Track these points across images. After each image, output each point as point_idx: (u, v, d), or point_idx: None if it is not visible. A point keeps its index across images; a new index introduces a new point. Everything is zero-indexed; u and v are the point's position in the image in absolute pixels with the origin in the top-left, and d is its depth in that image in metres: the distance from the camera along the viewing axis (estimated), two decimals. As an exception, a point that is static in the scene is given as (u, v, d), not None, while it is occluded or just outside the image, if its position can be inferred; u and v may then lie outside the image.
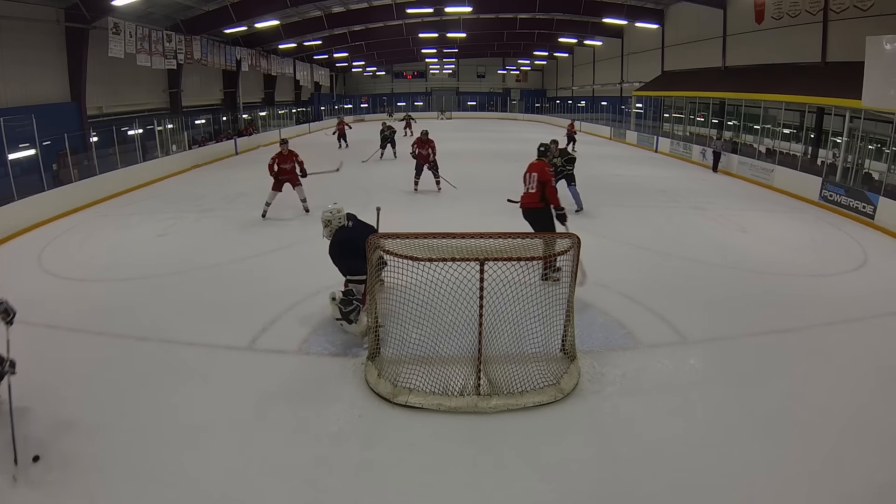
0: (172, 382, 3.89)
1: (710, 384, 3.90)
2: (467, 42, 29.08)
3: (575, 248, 3.75)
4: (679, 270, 6.33)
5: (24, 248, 7.50)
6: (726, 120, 16.87)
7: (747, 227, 8.55)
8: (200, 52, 18.47)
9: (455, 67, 42.15)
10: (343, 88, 42.45)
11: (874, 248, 7.57)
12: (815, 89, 12.48)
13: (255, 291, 5.60)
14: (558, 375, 3.78)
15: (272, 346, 4.42)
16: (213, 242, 7.57)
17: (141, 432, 3.30)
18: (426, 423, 3.42)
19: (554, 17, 24.93)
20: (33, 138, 9.29)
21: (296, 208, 9.15)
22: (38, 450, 3.09)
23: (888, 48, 8.89)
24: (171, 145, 15.77)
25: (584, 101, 31.84)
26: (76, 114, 13.40)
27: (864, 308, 5.28)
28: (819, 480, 2.92)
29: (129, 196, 11.36)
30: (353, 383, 3.84)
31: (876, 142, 10.70)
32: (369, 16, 22.80)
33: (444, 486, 2.92)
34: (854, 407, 3.58)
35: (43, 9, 12.14)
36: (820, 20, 13.32)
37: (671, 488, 2.87)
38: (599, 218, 8.85)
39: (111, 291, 5.72)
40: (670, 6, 20.69)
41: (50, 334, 4.68)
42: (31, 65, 12.08)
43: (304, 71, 31.06)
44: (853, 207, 9.47)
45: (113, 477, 2.92)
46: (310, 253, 6.99)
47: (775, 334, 4.68)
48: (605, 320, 4.84)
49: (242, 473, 2.96)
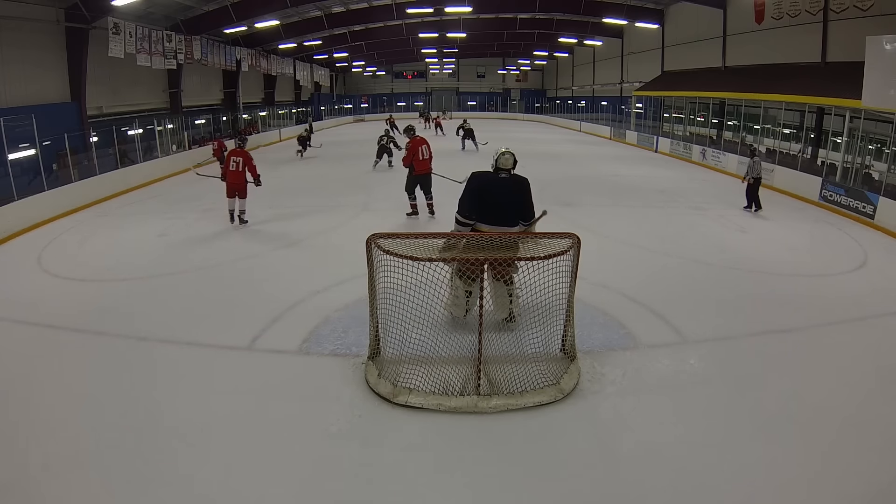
0: (172, 382, 3.88)
1: (710, 384, 3.89)
2: (467, 42, 29.10)
3: (575, 247, 3.75)
4: (679, 270, 6.33)
5: (24, 248, 7.50)
6: (726, 120, 16.87)
7: (747, 227, 8.55)
8: (200, 52, 18.47)
9: (455, 67, 42.16)
10: (343, 88, 42.46)
11: (874, 248, 7.57)
12: (815, 89, 12.48)
13: (255, 291, 5.60)
14: (558, 375, 3.78)
15: (272, 346, 4.42)
16: (213, 242, 7.57)
17: (141, 432, 3.30)
18: (426, 423, 3.41)
19: (554, 17, 24.95)
20: (33, 138, 9.29)
21: (297, 208, 9.15)
22: (38, 450, 3.09)
23: (888, 48, 8.89)
24: (171, 145, 15.76)
25: (584, 101, 31.85)
26: (76, 114, 13.41)
27: (864, 308, 5.27)
28: (819, 480, 2.92)
29: (129, 196, 11.37)
30: (353, 383, 3.84)
31: (876, 142, 10.70)
32: (369, 16, 22.82)
33: (444, 486, 2.91)
34: (854, 407, 3.58)
35: (43, 9, 12.14)
36: (820, 20, 13.33)
37: (671, 488, 2.87)
38: (599, 218, 8.85)
39: (111, 291, 5.72)
40: (670, 6, 20.70)
41: (50, 334, 4.69)
42: (31, 65, 12.09)
43: (304, 71, 31.07)
44: (853, 207, 9.48)
45: (113, 477, 2.92)
46: (310, 253, 7.02)
47: (775, 334, 4.67)
48: (605, 320, 4.84)
49: (242, 473, 2.96)
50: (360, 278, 4.31)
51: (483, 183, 4.53)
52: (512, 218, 4.47)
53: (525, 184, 4.58)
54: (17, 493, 2.80)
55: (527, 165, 6.02)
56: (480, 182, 4.54)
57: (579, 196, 10.77)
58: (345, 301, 5.18)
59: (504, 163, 4.53)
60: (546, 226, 4.58)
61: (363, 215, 8.89)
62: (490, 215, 4.45)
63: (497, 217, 4.46)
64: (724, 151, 15.10)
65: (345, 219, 8.68)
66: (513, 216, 4.47)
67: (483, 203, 4.45)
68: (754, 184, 9.68)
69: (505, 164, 4.53)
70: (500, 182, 4.51)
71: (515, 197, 4.50)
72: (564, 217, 8.28)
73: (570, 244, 3.74)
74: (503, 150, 4.59)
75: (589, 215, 8.97)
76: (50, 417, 3.46)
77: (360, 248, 3.78)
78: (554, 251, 3.68)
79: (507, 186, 4.50)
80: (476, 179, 4.56)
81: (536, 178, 4.35)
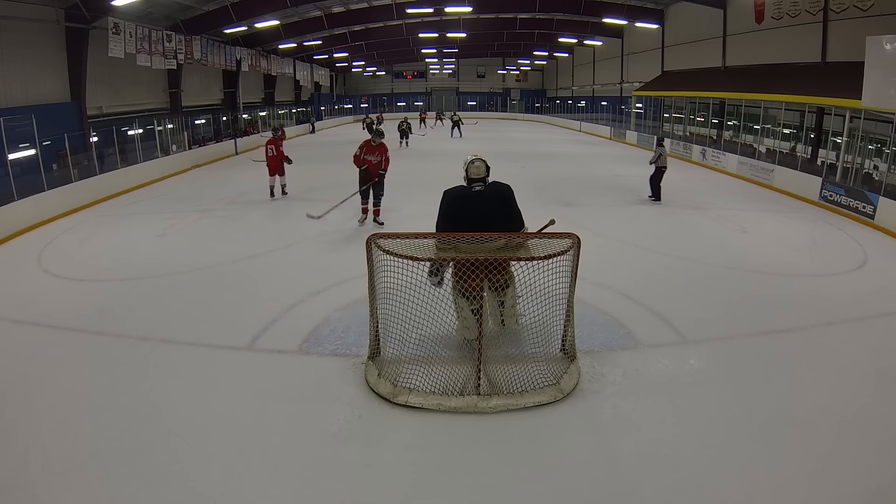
0: (172, 382, 3.88)
1: (710, 384, 3.89)
2: (467, 42, 29.10)
3: (575, 247, 3.75)
4: (679, 270, 6.33)
5: (24, 248, 7.50)
6: (726, 120, 16.88)
7: (747, 227, 8.55)
8: (200, 52, 18.48)
9: (455, 67, 42.17)
10: (343, 88, 42.47)
11: (874, 248, 7.57)
12: (815, 89, 12.48)
13: (256, 291, 5.60)
14: (558, 375, 3.78)
15: (272, 346, 4.42)
16: (213, 242, 7.57)
17: (141, 432, 3.30)
18: (426, 423, 3.41)
19: (554, 17, 24.95)
20: (33, 138, 9.28)
21: (297, 207, 9.15)
22: (38, 450, 3.09)
23: (888, 48, 8.89)
24: (171, 145, 15.76)
25: (584, 101, 31.86)
26: (76, 114, 13.41)
27: (864, 308, 5.27)
28: (819, 480, 2.92)
29: (129, 196, 11.36)
30: (353, 383, 3.84)
31: (876, 142, 10.70)
32: (369, 16, 22.82)
33: (444, 486, 2.91)
34: (854, 407, 3.58)
35: (43, 9, 12.15)
36: (820, 20, 13.32)
37: (671, 488, 2.87)
38: (599, 218, 8.85)
39: (111, 291, 5.72)
40: (670, 6, 20.70)
41: (50, 334, 4.69)
42: (31, 65, 12.09)
43: (304, 71, 31.07)
44: (853, 207, 9.47)
45: (112, 477, 2.92)
46: (310, 253, 7.02)
47: (775, 334, 4.67)
48: (605, 320, 4.84)
49: (242, 474, 2.96)
50: (360, 278, 4.32)
51: (456, 200, 4.07)
52: (503, 231, 3.97)
53: (506, 191, 4.14)
54: (18, 493, 2.80)
55: (527, 165, 6.04)
56: (453, 200, 4.09)
57: (579, 196, 10.77)
58: (345, 301, 5.18)
59: (475, 172, 4.10)
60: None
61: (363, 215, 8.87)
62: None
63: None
64: (724, 151, 15.11)
65: (345, 218, 8.68)
66: (501, 230, 3.95)
67: (461, 223, 3.94)
68: (656, 173, 10.04)
69: (476, 174, 4.10)
70: (475, 196, 4.06)
71: (495, 208, 4.05)
72: (564, 217, 8.25)
73: (570, 244, 3.74)
74: (471, 159, 4.15)
75: (589, 215, 8.97)
76: (50, 417, 3.46)
77: (360, 247, 3.78)
78: (554, 251, 3.68)
79: (483, 200, 4.05)
80: (448, 197, 4.10)
81: (536, 178, 4.35)
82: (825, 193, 10.38)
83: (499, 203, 4.09)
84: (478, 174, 4.11)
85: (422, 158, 16.57)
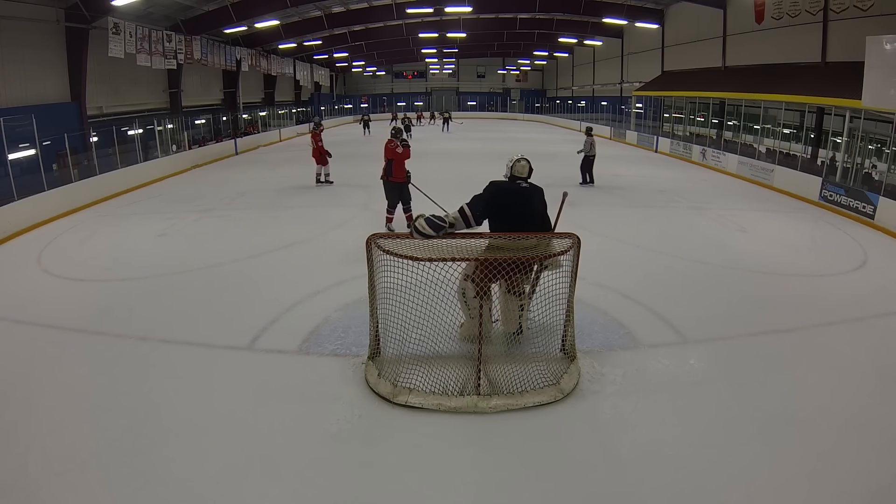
0: (172, 382, 3.88)
1: (710, 384, 3.89)
2: (467, 42, 29.12)
3: (575, 247, 3.75)
4: (679, 270, 6.33)
5: (24, 248, 7.50)
6: (726, 120, 16.88)
7: (747, 227, 8.55)
8: (200, 52, 18.48)
9: (455, 67, 42.19)
10: (343, 88, 42.49)
11: (874, 248, 7.57)
12: (815, 89, 12.49)
13: (256, 291, 5.60)
14: (558, 375, 3.78)
15: (272, 346, 4.42)
16: (213, 242, 7.57)
17: (140, 432, 3.30)
18: (426, 423, 3.41)
19: (554, 17, 24.96)
20: (33, 138, 9.28)
21: (297, 207, 9.15)
22: (38, 450, 3.09)
23: (888, 48, 8.89)
24: (171, 145, 15.77)
25: (584, 101, 31.86)
26: (76, 114, 13.42)
27: (864, 308, 5.27)
28: (819, 480, 2.92)
29: (129, 196, 11.36)
30: (353, 383, 3.84)
31: (876, 142, 10.70)
32: (369, 16, 22.83)
33: (444, 486, 2.91)
34: (854, 407, 3.58)
35: (43, 9, 12.15)
36: (820, 20, 13.33)
37: (671, 488, 2.87)
38: (599, 218, 8.85)
39: (111, 291, 5.72)
40: (670, 6, 20.70)
41: (50, 334, 4.69)
42: (31, 65, 12.09)
43: (304, 71, 31.08)
44: (853, 207, 9.47)
45: (112, 477, 2.92)
46: (310, 253, 7.01)
47: (775, 334, 4.67)
48: (605, 320, 4.84)
49: (242, 473, 2.96)
50: (360, 278, 4.32)
51: (503, 194, 4.10)
52: (537, 231, 4.05)
53: (542, 194, 4.25)
54: (18, 493, 2.80)
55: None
56: (500, 192, 4.09)
57: (579, 196, 10.75)
58: (345, 301, 5.18)
59: (520, 171, 4.19)
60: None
61: (363, 215, 8.89)
62: (516, 230, 3.90)
63: (523, 231, 3.97)
64: (724, 151, 15.10)
65: (345, 218, 8.69)
66: (537, 229, 4.04)
67: (505, 216, 4.01)
68: (585, 161, 11.80)
69: (521, 173, 4.19)
70: (521, 192, 4.15)
71: (535, 207, 4.15)
72: (564, 217, 8.25)
73: (570, 244, 3.74)
74: (518, 157, 4.24)
75: (589, 215, 8.96)
76: (49, 417, 3.46)
77: (360, 247, 3.78)
78: (554, 251, 3.68)
79: (527, 197, 4.14)
80: (494, 187, 4.11)
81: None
82: (825, 193, 10.38)
83: (538, 203, 4.22)
84: (521, 173, 4.23)
85: (421, 158, 16.57)
